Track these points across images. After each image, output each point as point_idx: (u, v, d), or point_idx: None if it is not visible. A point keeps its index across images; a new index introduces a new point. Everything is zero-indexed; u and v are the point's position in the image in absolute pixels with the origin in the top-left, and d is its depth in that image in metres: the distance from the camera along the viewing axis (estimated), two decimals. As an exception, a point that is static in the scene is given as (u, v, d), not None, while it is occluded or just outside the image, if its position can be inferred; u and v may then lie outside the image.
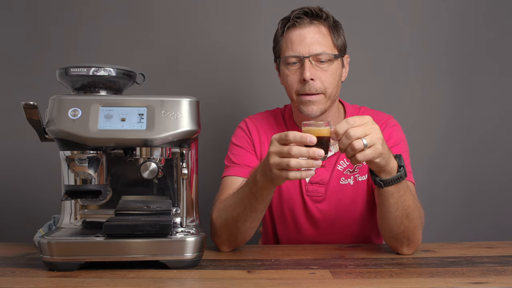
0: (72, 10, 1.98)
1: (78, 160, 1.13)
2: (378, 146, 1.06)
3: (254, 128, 1.51)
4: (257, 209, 1.22)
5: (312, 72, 1.35)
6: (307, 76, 1.34)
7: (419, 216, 1.24)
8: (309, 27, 1.37)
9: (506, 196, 2.01)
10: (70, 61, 1.19)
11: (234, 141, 1.51)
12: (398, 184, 1.15)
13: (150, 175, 1.15)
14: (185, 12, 1.99)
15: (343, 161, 1.45)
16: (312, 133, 1.06)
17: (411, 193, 1.21)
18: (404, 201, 1.18)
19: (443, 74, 2.02)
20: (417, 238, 1.26)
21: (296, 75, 1.37)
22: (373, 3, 2.00)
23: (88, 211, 1.26)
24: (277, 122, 1.53)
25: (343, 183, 1.45)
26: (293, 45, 1.37)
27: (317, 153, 1.03)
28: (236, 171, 1.43)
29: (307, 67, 1.34)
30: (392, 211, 1.19)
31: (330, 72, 1.37)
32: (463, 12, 2.00)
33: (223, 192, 1.39)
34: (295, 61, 1.37)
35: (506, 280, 1.02)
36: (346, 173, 1.45)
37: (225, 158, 1.50)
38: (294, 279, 1.04)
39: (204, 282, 1.05)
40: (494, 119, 2.02)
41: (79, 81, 1.17)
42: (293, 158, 1.04)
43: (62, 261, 1.08)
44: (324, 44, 1.37)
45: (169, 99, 1.14)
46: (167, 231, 1.11)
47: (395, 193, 1.17)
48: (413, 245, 1.27)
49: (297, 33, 1.37)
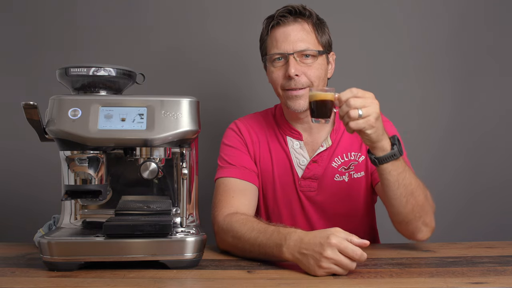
0: (72, 10, 1.98)
1: (78, 160, 1.13)
2: (371, 118, 1.14)
3: (245, 129, 1.52)
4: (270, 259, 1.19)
5: (296, 68, 1.37)
6: (292, 72, 1.37)
7: (425, 196, 1.27)
8: (293, 25, 1.41)
9: (506, 196, 2.01)
10: (70, 61, 1.19)
11: (226, 142, 1.51)
12: (394, 161, 1.20)
13: (150, 175, 1.15)
14: (185, 12, 1.99)
15: (337, 158, 1.46)
16: (318, 97, 1.18)
17: (411, 173, 1.25)
18: (404, 178, 1.22)
19: (443, 74, 2.01)
20: (429, 220, 1.28)
21: (281, 71, 1.40)
22: (373, 3, 2.00)
23: (88, 211, 1.26)
24: (268, 121, 1.54)
25: (338, 180, 1.46)
26: (278, 42, 1.40)
27: (362, 258, 1.05)
28: (232, 172, 1.43)
29: (292, 63, 1.37)
30: (393, 189, 1.23)
31: (315, 67, 1.40)
32: (463, 12, 2.00)
33: (223, 196, 1.38)
34: (280, 57, 1.40)
35: (506, 280, 1.02)
36: (341, 170, 1.46)
37: (218, 159, 1.49)
38: (294, 279, 1.04)
39: (204, 282, 1.05)
40: (494, 119, 2.02)
41: (79, 81, 1.17)
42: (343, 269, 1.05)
43: (62, 261, 1.08)
44: (308, 41, 1.40)
45: (169, 99, 1.14)
46: (167, 231, 1.11)
47: (392, 171, 1.21)
48: (427, 228, 1.28)
49: (281, 31, 1.41)
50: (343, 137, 1.48)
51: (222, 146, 1.51)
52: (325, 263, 1.03)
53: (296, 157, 1.48)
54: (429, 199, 1.29)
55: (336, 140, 1.47)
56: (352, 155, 1.47)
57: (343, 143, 1.47)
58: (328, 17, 1.49)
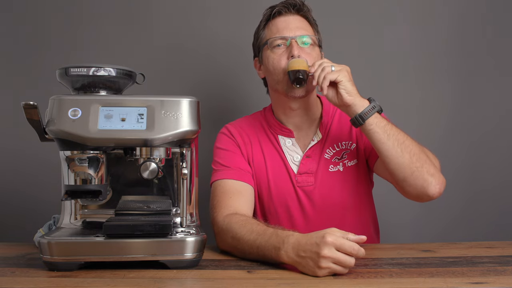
0: (72, 10, 1.97)
1: (78, 160, 1.13)
2: (343, 70, 1.29)
3: (236, 131, 1.53)
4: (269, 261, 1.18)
5: (299, 50, 1.40)
6: (296, 53, 1.38)
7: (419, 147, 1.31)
8: (294, 16, 1.46)
9: (506, 196, 2.01)
10: (70, 61, 1.19)
11: (218, 146, 1.52)
12: (376, 115, 1.29)
13: (150, 175, 1.15)
14: (185, 12, 1.99)
15: (329, 150, 1.47)
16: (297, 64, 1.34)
17: (399, 129, 1.31)
18: (392, 129, 1.30)
19: (442, 74, 2.01)
20: (434, 170, 1.30)
21: (284, 56, 1.41)
22: (373, 3, 2.00)
23: (88, 211, 1.26)
24: (258, 123, 1.55)
25: (333, 171, 1.47)
26: (279, 29, 1.44)
27: (360, 253, 1.05)
28: (228, 174, 1.44)
29: (295, 45, 1.40)
30: (385, 141, 1.29)
31: (313, 56, 1.42)
32: (463, 12, 2.00)
33: (221, 197, 1.38)
34: (280, 43, 1.42)
35: (506, 280, 1.02)
36: (335, 160, 1.47)
37: (212, 163, 1.50)
38: (294, 279, 1.04)
39: (204, 282, 1.05)
40: (494, 119, 2.02)
41: (79, 81, 1.17)
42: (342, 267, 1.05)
43: (62, 261, 1.08)
44: (307, 30, 1.45)
45: (169, 99, 1.14)
46: (167, 231, 1.11)
47: (378, 123, 1.29)
48: (435, 179, 1.29)
49: (282, 19, 1.45)
50: (332, 128, 1.49)
51: (215, 150, 1.52)
52: (324, 263, 1.03)
53: (289, 154, 1.49)
54: (426, 152, 1.34)
55: (326, 132, 1.49)
56: (343, 144, 1.48)
57: (333, 134, 1.49)
58: (328, 17, 1.50)
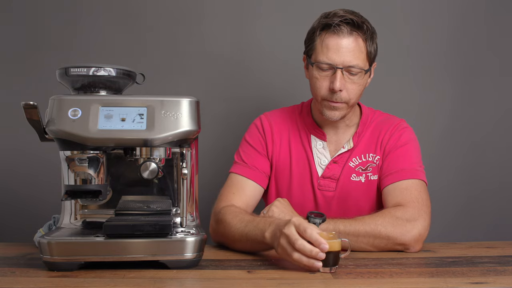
0: (72, 10, 1.97)
1: (78, 160, 1.13)
2: None
3: (268, 125, 1.54)
4: (259, 251, 1.26)
5: (342, 83, 1.37)
6: (337, 87, 1.37)
7: (379, 230, 1.27)
8: (348, 38, 1.37)
9: (506, 196, 2.01)
10: (70, 61, 1.19)
11: (247, 139, 1.55)
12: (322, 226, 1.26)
13: (150, 175, 1.15)
14: (185, 11, 1.99)
15: (355, 158, 1.48)
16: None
17: (350, 222, 1.28)
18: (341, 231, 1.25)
19: (442, 74, 2.01)
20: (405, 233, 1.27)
21: (326, 82, 1.40)
22: (373, 3, 2.00)
23: (88, 211, 1.26)
24: (293, 119, 1.57)
25: (355, 180, 1.48)
26: (329, 52, 1.38)
27: (319, 255, 1.05)
28: (244, 171, 1.49)
29: (339, 77, 1.37)
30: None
31: (357, 84, 1.40)
32: (463, 12, 2.00)
33: (227, 190, 1.46)
34: (327, 68, 1.39)
35: (506, 280, 1.02)
36: (358, 170, 1.48)
37: (236, 153, 1.54)
38: (294, 279, 1.04)
39: (204, 282, 1.05)
40: (494, 119, 2.02)
41: (79, 81, 1.17)
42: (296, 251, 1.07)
43: (62, 261, 1.08)
44: (358, 57, 1.38)
45: (169, 99, 1.14)
46: (167, 231, 1.11)
47: None
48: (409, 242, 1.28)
49: (334, 41, 1.37)
50: (364, 139, 1.51)
51: (243, 141, 1.56)
52: (282, 239, 1.09)
53: (318, 156, 1.51)
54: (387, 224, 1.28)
55: (357, 142, 1.50)
56: (370, 156, 1.49)
57: (363, 144, 1.50)
58: (327, 17, 1.49)
